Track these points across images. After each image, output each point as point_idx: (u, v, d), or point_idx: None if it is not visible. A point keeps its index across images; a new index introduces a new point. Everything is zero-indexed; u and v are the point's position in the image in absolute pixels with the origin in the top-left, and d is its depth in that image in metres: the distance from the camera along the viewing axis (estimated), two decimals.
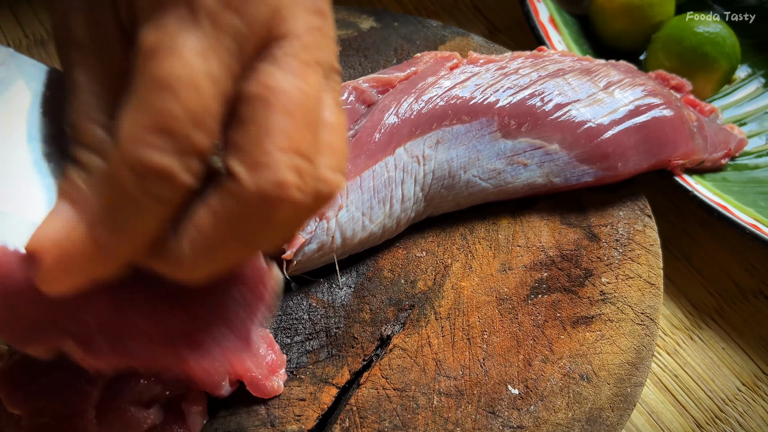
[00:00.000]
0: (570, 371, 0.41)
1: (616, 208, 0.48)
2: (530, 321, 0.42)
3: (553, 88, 0.47)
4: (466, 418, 0.39)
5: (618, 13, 0.58)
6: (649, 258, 0.46)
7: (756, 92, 0.60)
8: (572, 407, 0.40)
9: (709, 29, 0.55)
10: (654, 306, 0.44)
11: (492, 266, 0.44)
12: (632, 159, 0.47)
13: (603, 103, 0.47)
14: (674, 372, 0.48)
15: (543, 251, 0.45)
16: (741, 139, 0.54)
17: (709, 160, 0.51)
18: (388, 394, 0.39)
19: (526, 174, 0.46)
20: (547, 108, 0.46)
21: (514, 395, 0.40)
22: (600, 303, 0.44)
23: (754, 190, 0.52)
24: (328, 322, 0.41)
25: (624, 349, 0.42)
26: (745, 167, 0.54)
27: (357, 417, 0.38)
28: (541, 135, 0.46)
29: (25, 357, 0.35)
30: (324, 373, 0.39)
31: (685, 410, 0.46)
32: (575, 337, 0.42)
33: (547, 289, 0.44)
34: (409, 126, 0.43)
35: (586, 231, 0.47)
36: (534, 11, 0.58)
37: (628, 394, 0.40)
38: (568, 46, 0.57)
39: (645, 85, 0.49)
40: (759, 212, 0.50)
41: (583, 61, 0.50)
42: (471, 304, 0.43)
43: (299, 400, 0.38)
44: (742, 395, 0.47)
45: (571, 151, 0.46)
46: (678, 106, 0.49)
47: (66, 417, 0.34)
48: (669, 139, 0.48)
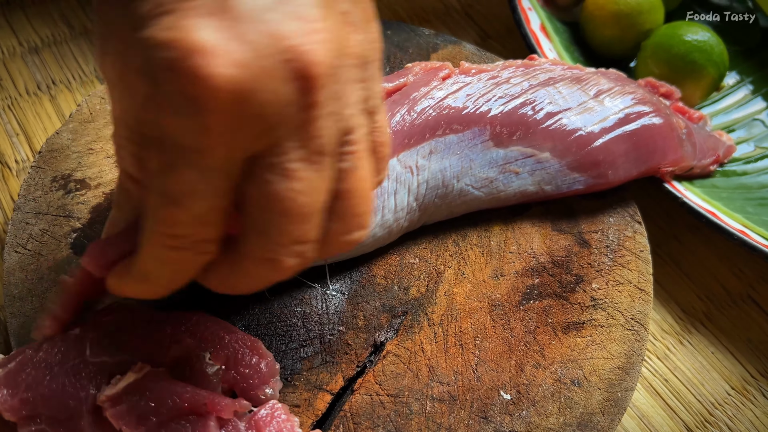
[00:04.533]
0: (561, 376, 0.41)
1: (606, 214, 0.49)
2: (522, 327, 0.43)
3: (544, 96, 0.47)
4: (459, 423, 0.39)
5: (608, 21, 0.59)
6: (639, 264, 0.46)
7: (744, 99, 0.61)
8: (563, 412, 0.40)
9: (698, 37, 0.55)
10: (644, 311, 0.45)
11: (484, 273, 0.45)
12: (622, 166, 0.48)
13: (593, 111, 0.48)
14: (664, 376, 0.48)
15: (534, 257, 0.46)
16: (729, 146, 0.55)
17: (698, 166, 0.52)
18: (382, 400, 0.39)
19: (518, 182, 0.46)
20: (538, 117, 0.46)
21: (506, 400, 0.40)
22: (591, 309, 0.44)
23: (742, 196, 0.53)
24: (322, 329, 0.42)
25: (614, 354, 0.43)
26: (734, 173, 0.55)
27: (351, 423, 0.39)
28: (532, 143, 0.46)
29: (21, 365, 0.35)
30: (318, 380, 0.40)
31: (675, 414, 0.47)
32: (566, 342, 0.43)
33: (538, 295, 0.44)
34: (402, 137, 0.44)
35: (577, 237, 0.47)
36: (525, 19, 0.59)
37: (618, 399, 0.41)
38: (558, 53, 0.58)
39: (634, 93, 0.50)
40: (747, 218, 0.51)
41: (574, 69, 0.50)
42: (463, 310, 0.43)
43: (294, 406, 0.39)
44: (731, 399, 0.48)
45: (562, 159, 0.46)
46: (667, 114, 0.50)
47: (61, 423, 0.35)
48: (658, 147, 0.49)
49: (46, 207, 0.44)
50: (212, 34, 0.25)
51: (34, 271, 0.42)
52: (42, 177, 0.45)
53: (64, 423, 0.35)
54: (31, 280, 0.41)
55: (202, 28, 0.25)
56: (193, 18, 0.25)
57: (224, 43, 0.25)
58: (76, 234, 0.43)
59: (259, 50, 0.25)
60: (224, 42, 0.25)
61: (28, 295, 0.41)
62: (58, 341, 0.36)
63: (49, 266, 0.42)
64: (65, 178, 0.45)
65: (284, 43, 0.26)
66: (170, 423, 0.34)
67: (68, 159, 0.46)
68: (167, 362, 0.36)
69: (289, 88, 0.26)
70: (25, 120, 0.54)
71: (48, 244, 0.43)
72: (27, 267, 0.42)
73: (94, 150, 0.47)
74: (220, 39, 0.25)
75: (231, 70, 0.25)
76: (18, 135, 0.54)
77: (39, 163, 0.46)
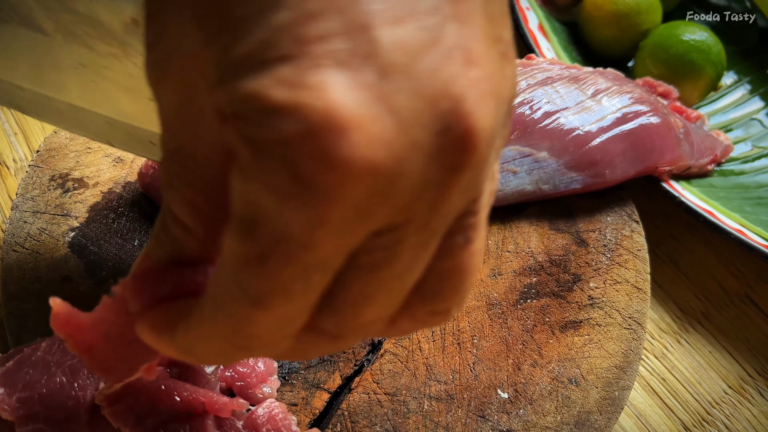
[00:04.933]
0: (559, 375, 0.41)
1: (604, 213, 0.49)
2: (519, 326, 0.43)
3: (541, 96, 0.47)
4: (457, 422, 0.39)
5: (606, 21, 0.59)
6: (636, 263, 0.46)
7: (742, 99, 0.61)
8: (561, 411, 0.40)
9: (695, 37, 0.55)
10: (641, 310, 0.45)
11: (482, 271, 0.45)
12: (620, 166, 0.48)
13: (591, 110, 0.48)
14: (662, 375, 0.48)
15: (532, 257, 0.46)
16: (727, 146, 0.55)
17: (696, 166, 0.52)
18: (379, 399, 0.39)
19: (515, 181, 0.46)
20: (536, 116, 0.46)
21: (504, 399, 0.40)
22: (588, 307, 0.44)
23: (739, 195, 0.53)
24: None
25: (612, 353, 0.43)
26: (731, 173, 0.55)
27: (348, 422, 0.39)
28: (530, 143, 0.46)
29: (19, 364, 0.35)
30: (316, 378, 0.40)
31: (673, 413, 0.47)
32: (564, 341, 0.43)
33: (536, 294, 0.44)
34: None
35: (575, 236, 0.47)
36: (523, 18, 0.59)
37: (616, 398, 0.41)
38: (557, 53, 0.58)
39: (632, 92, 0.50)
40: (744, 217, 0.51)
41: (571, 69, 0.50)
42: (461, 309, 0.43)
43: (291, 405, 0.39)
44: (728, 398, 0.48)
45: (559, 158, 0.47)
46: (665, 113, 0.50)
47: (59, 423, 0.35)
48: (656, 146, 0.49)
49: (44, 206, 0.44)
50: (352, 97, 0.17)
51: (32, 270, 0.42)
52: (40, 176, 0.45)
53: (62, 422, 0.35)
54: (29, 278, 0.41)
55: (339, 88, 0.17)
56: (327, 70, 0.17)
57: (367, 111, 0.17)
58: (74, 233, 0.43)
59: (409, 119, 0.18)
60: (367, 109, 0.18)
61: (25, 294, 0.41)
62: (56, 340, 0.36)
63: (47, 265, 0.42)
64: (63, 177, 0.45)
65: (441, 107, 0.18)
66: (168, 422, 0.34)
67: (66, 158, 0.46)
68: (165, 361, 0.37)
69: (438, 165, 0.19)
70: (23, 119, 0.54)
71: (46, 242, 0.43)
72: (25, 266, 0.42)
73: (92, 149, 0.47)
74: (363, 105, 0.18)
75: (375, 153, 0.18)
76: (16, 134, 0.54)
77: (37, 162, 0.46)
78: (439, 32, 0.19)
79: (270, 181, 0.18)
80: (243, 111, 0.18)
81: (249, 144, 0.18)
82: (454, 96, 0.18)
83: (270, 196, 0.18)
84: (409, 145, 0.18)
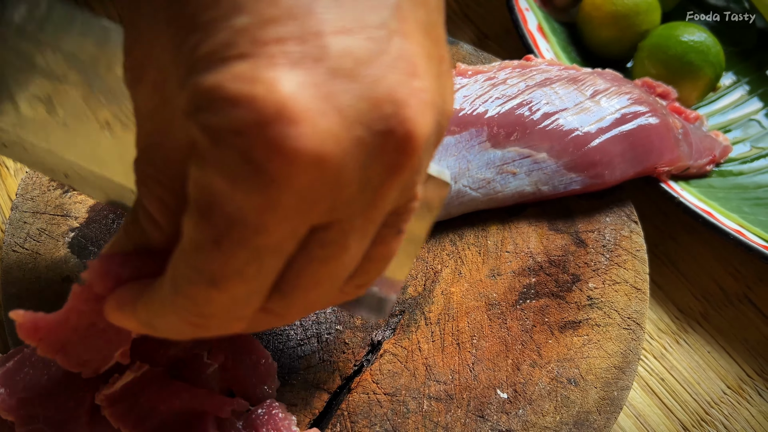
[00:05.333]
0: (558, 375, 0.41)
1: (603, 214, 0.49)
2: (519, 326, 0.43)
3: (540, 97, 0.47)
4: (456, 422, 0.39)
5: (605, 22, 0.59)
6: (635, 263, 0.47)
7: (740, 99, 0.61)
8: (560, 411, 0.40)
9: (694, 38, 0.56)
10: (640, 311, 0.45)
11: (481, 272, 0.45)
12: (619, 167, 0.48)
13: (590, 111, 0.48)
14: (661, 375, 0.48)
15: (531, 257, 0.46)
16: (726, 146, 0.55)
17: (695, 166, 0.52)
18: (379, 399, 0.40)
19: (515, 182, 0.46)
20: (535, 117, 0.47)
21: (503, 399, 0.40)
22: (587, 308, 0.44)
23: (738, 196, 0.53)
24: (319, 327, 0.42)
25: (611, 353, 0.43)
26: (730, 173, 0.55)
27: (348, 422, 0.39)
28: (529, 144, 0.46)
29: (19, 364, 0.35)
30: (315, 379, 0.40)
31: (672, 413, 0.47)
32: (563, 341, 0.43)
33: (535, 294, 0.44)
34: None
35: (574, 237, 0.47)
36: (522, 19, 0.59)
37: (614, 398, 0.41)
38: (556, 53, 0.58)
39: (631, 93, 0.50)
40: (743, 218, 0.51)
41: (570, 70, 0.50)
42: (460, 309, 0.43)
43: (291, 405, 0.39)
44: (727, 398, 0.48)
45: (559, 159, 0.47)
46: (663, 114, 0.50)
47: (59, 423, 0.35)
48: (655, 147, 0.49)
49: (44, 206, 0.44)
50: (302, 93, 0.20)
51: (32, 270, 0.42)
52: (39, 176, 0.45)
53: (62, 422, 0.35)
54: (29, 279, 0.41)
55: (290, 84, 0.20)
56: (280, 68, 0.20)
57: (316, 106, 0.20)
58: (74, 233, 0.43)
59: (354, 117, 0.20)
60: (316, 104, 0.20)
61: (25, 294, 0.41)
62: None
63: (47, 265, 0.42)
64: None
65: (385, 110, 0.20)
66: (168, 422, 0.34)
67: None
68: (165, 362, 0.37)
69: (379, 163, 0.21)
70: None
71: (46, 243, 0.43)
72: (25, 266, 0.42)
73: None
74: (311, 100, 0.20)
75: (321, 144, 0.20)
76: None
77: None
78: (385, 44, 0.21)
79: (224, 166, 0.20)
80: (203, 103, 0.20)
81: (206, 132, 0.20)
82: (396, 101, 0.21)
83: (224, 181, 0.20)
84: (352, 140, 0.20)
